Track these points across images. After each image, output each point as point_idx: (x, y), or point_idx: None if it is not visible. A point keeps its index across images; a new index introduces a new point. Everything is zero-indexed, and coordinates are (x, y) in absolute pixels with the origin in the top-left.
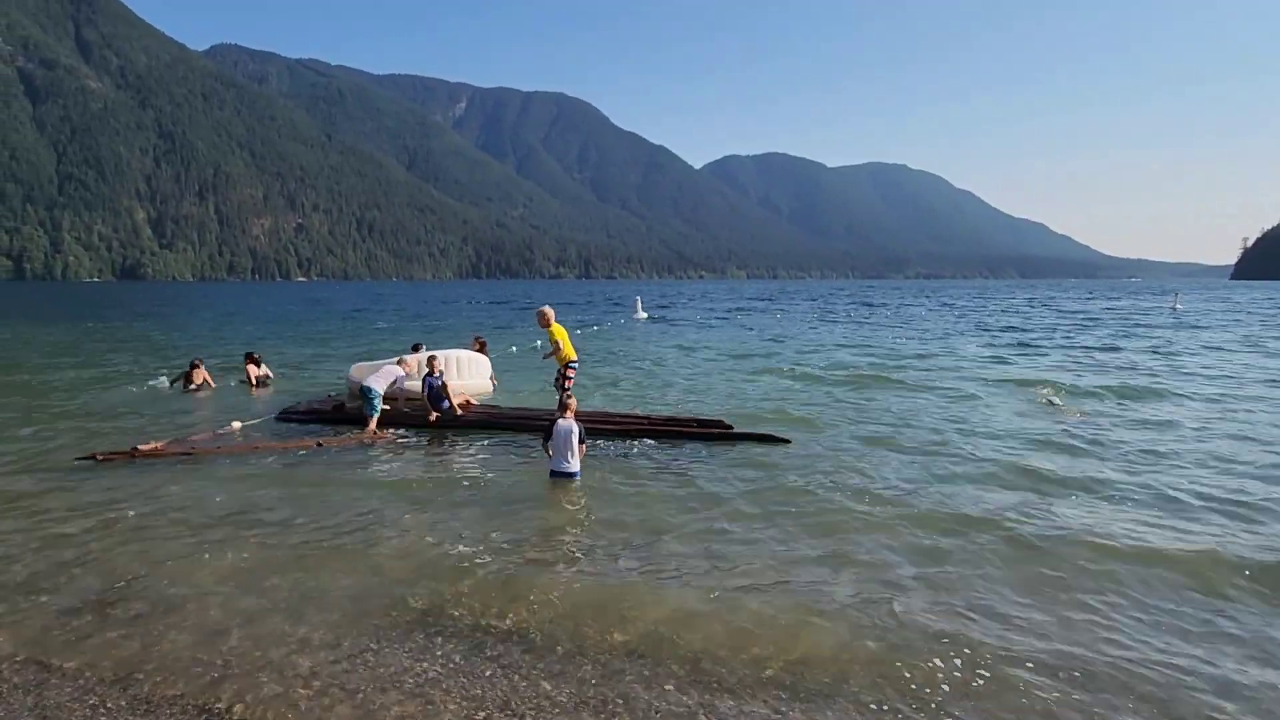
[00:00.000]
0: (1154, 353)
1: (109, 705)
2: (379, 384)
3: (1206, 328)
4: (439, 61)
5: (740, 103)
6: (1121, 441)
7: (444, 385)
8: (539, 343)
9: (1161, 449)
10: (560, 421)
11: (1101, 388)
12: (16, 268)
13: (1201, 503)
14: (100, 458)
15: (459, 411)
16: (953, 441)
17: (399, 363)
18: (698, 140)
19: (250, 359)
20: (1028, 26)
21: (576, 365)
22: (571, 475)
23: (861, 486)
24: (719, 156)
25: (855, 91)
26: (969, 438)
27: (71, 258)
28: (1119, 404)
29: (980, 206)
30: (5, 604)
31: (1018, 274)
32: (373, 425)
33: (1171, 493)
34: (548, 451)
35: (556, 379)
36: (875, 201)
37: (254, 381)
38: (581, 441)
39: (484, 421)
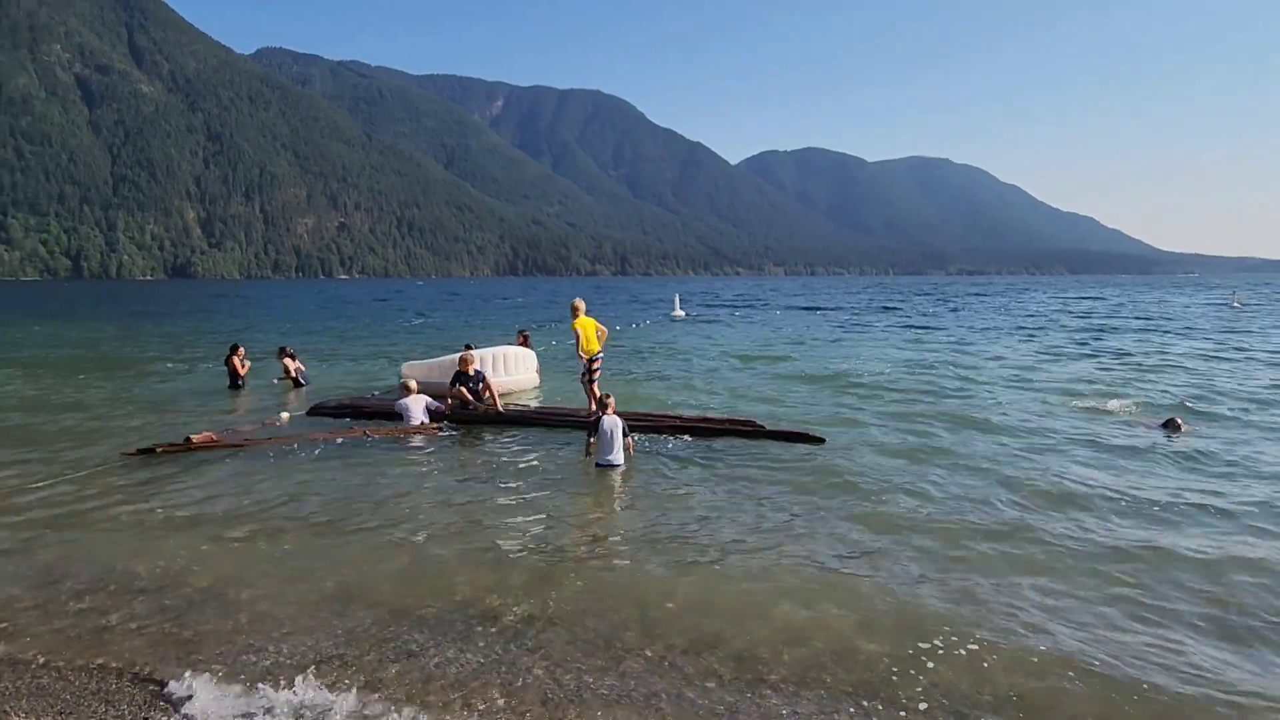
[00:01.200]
0: (1212, 356)
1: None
2: (416, 409)
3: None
4: (476, 61)
5: (778, 98)
6: (1198, 475)
7: (473, 386)
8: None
9: (1235, 476)
10: (605, 418)
11: (1168, 397)
12: (75, 266)
13: None
14: (160, 450)
15: (500, 408)
16: (1003, 453)
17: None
18: (734, 136)
19: (285, 354)
20: (1075, 21)
21: (600, 358)
22: (615, 466)
23: (898, 488)
24: (756, 152)
25: (896, 87)
26: (1023, 453)
27: (126, 257)
28: (1197, 420)
29: (1027, 200)
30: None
31: (1066, 269)
32: (416, 421)
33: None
34: (587, 450)
35: (581, 375)
36: (916, 196)
37: (292, 376)
38: (626, 435)
39: (523, 419)
